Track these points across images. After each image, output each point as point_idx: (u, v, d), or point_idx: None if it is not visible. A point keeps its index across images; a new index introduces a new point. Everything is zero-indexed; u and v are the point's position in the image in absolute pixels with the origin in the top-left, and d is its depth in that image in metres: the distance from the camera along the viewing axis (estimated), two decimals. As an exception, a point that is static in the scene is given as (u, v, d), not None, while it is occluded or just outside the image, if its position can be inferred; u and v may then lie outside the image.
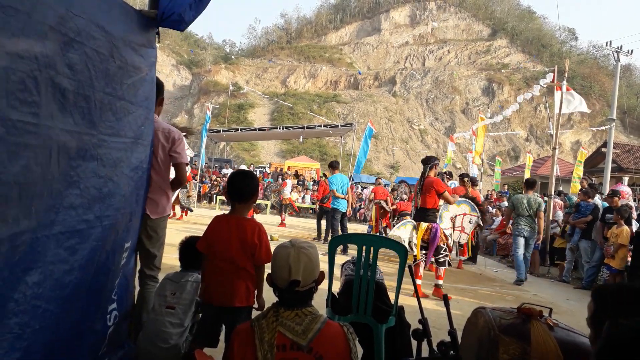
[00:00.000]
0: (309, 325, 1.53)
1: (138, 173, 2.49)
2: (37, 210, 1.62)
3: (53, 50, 1.64)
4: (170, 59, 65.74)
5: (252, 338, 1.53)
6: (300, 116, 50.74)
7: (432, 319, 1.98)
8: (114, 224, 2.22)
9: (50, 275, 1.74)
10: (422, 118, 57.07)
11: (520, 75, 59.01)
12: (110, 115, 2.10)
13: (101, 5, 1.97)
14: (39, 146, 1.59)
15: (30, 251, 1.63)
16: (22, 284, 1.60)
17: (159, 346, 2.44)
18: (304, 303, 1.61)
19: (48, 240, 1.72)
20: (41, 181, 1.63)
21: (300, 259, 1.60)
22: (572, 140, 50.89)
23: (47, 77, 1.61)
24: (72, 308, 1.91)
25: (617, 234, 6.86)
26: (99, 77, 1.96)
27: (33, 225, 1.61)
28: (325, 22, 74.42)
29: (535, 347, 1.75)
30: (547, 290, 7.05)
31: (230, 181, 2.51)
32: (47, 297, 1.73)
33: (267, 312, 1.59)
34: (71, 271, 1.87)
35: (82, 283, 1.95)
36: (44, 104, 1.59)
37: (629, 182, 17.03)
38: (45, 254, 1.71)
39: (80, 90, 1.83)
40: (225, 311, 2.34)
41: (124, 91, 2.20)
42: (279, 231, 10.91)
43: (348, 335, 1.58)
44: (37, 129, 1.57)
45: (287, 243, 1.67)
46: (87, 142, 1.93)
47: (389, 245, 3.08)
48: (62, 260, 1.82)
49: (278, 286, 1.62)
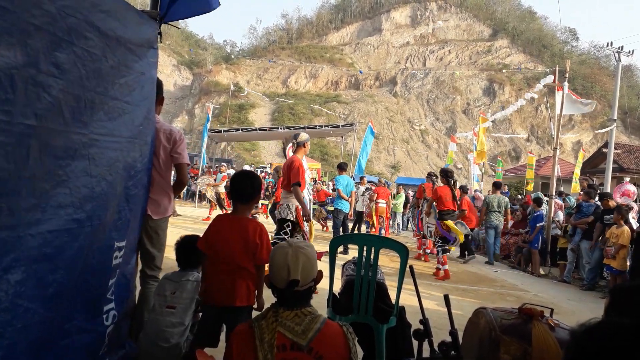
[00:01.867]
0: (308, 325, 1.53)
1: (134, 172, 2.48)
2: (12, 208, 1.61)
3: (36, 49, 1.64)
4: (171, 59, 65.80)
5: (252, 338, 1.52)
6: (301, 116, 50.77)
7: (433, 319, 1.98)
8: (106, 223, 2.21)
9: (33, 274, 1.73)
10: (423, 118, 57.06)
11: (521, 75, 58.95)
12: (102, 114, 2.09)
13: (99, 4, 1.97)
14: (11, 144, 1.57)
15: (11, 249, 1.62)
16: (3, 282, 1.60)
17: (160, 345, 2.44)
18: (303, 303, 1.61)
19: (33, 238, 1.71)
20: (14, 179, 1.61)
21: (298, 258, 1.60)
22: (573, 140, 50.85)
23: (26, 76, 1.60)
24: (58, 307, 1.90)
25: (617, 235, 6.84)
26: (90, 76, 1.95)
27: (9, 223, 1.60)
28: (326, 23, 74.48)
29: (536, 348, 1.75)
30: (548, 291, 7.04)
31: (233, 182, 2.52)
32: (29, 296, 1.72)
33: (267, 313, 1.59)
34: (56, 270, 1.86)
35: (67, 282, 1.94)
36: (21, 102, 1.59)
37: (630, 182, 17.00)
38: (28, 252, 1.70)
39: (69, 89, 1.83)
40: (226, 311, 2.34)
41: (117, 91, 2.19)
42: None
43: (347, 334, 1.57)
44: (10, 126, 1.56)
45: (285, 243, 1.67)
46: (77, 141, 1.92)
47: (390, 245, 3.08)
48: (47, 259, 1.81)
49: (277, 287, 1.61)
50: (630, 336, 0.92)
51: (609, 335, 0.94)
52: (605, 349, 0.92)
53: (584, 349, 0.96)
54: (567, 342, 1.01)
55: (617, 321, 0.98)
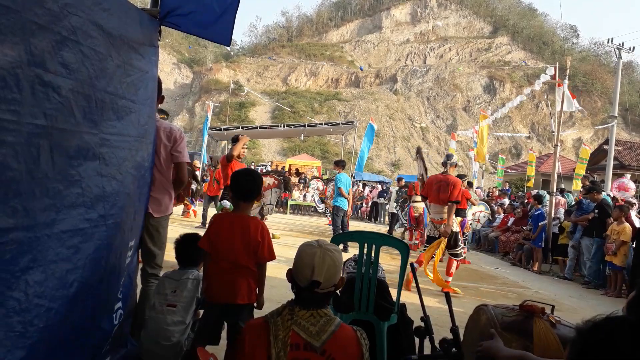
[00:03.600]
0: (323, 327, 1.52)
1: (141, 171, 2.50)
2: (27, 209, 1.61)
3: (41, 49, 1.62)
4: (171, 57, 65.76)
5: (266, 334, 1.51)
6: (301, 114, 50.70)
7: (434, 317, 1.98)
8: (119, 222, 2.22)
9: (52, 274, 1.73)
10: (424, 116, 56.98)
11: (522, 72, 58.84)
12: (111, 114, 2.09)
13: (101, 3, 1.96)
14: (20, 144, 1.56)
15: (29, 250, 1.62)
16: (22, 282, 1.60)
17: (161, 344, 2.45)
18: (320, 304, 1.59)
19: (49, 239, 1.72)
20: (27, 179, 1.61)
21: (325, 260, 1.57)
22: (574, 137, 50.72)
23: (32, 76, 1.58)
24: (78, 307, 1.91)
25: (618, 231, 6.84)
26: (99, 76, 1.94)
27: (25, 224, 1.61)
28: (326, 20, 74.28)
29: (537, 344, 1.75)
30: (549, 288, 7.05)
31: (236, 180, 2.52)
32: (50, 296, 1.72)
33: (283, 310, 1.57)
34: (74, 270, 1.86)
35: (87, 282, 1.95)
36: (28, 102, 1.57)
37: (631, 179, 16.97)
38: (46, 252, 1.70)
39: (79, 89, 1.82)
40: (227, 309, 2.35)
41: (124, 90, 2.19)
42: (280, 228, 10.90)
43: (361, 340, 1.56)
44: (18, 126, 1.54)
45: (314, 242, 1.64)
46: (89, 141, 1.93)
47: (391, 242, 3.08)
48: (65, 259, 1.81)
49: (298, 284, 1.59)
50: (635, 332, 0.92)
51: (614, 331, 0.94)
52: (610, 344, 0.92)
53: (589, 345, 0.96)
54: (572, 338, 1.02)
55: (622, 317, 0.98)
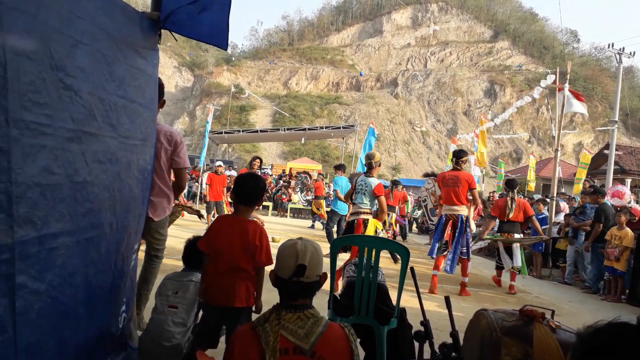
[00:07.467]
0: (311, 329, 1.51)
1: (144, 174, 2.50)
2: (70, 213, 1.61)
3: (60, 52, 1.62)
4: (172, 60, 65.87)
5: (255, 341, 1.50)
6: (302, 118, 50.77)
7: (433, 321, 1.98)
8: (127, 226, 2.22)
9: (84, 279, 1.74)
10: (424, 120, 57.02)
11: (523, 77, 58.90)
12: (125, 117, 2.09)
13: (103, 7, 1.96)
14: (57, 148, 1.56)
15: (73, 255, 1.62)
16: (67, 287, 1.60)
17: (161, 345, 2.44)
18: (306, 298, 1.59)
19: (87, 243, 1.73)
20: (68, 184, 1.61)
21: (307, 248, 1.61)
22: (575, 142, 50.75)
23: (56, 79, 1.58)
24: (96, 311, 1.91)
25: (620, 237, 6.83)
26: (109, 79, 1.94)
27: (70, 229, 1.60)
28: (327, 24, 74.46)
29: (537, 349, 1.74)
30: (549, 292, 7.03)
31: (240, 184, 2.51)
32: (82, 301, 1.74)
33: (269, 315, 1.56)
34: (96, 275, 1.87)
35: (104, 286, 1.95)
36: (57, 106, 1.57)
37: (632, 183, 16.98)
38: (84, 257, 1.71)
39: (95, 92, 1.81)
40: (225, 312, 2.35)
41: (133, 93, 2.20)
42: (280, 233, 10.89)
43: (349, 336, 1.56)
44: (53, 130, 1.55)
45: (294, 238, 1.68)
46: (111, 144, 1.93)
47: (391, 246, 3.08)
48: (93, 264, 1.82)
49: (282, 277, 1.59)
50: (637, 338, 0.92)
51: (616, 337, 0.94)
52: (612, 350, 0.92)
53: (590, 351, 0.95)
54: (573, 344, 1.01)
55: (624, 323, 0.97)
